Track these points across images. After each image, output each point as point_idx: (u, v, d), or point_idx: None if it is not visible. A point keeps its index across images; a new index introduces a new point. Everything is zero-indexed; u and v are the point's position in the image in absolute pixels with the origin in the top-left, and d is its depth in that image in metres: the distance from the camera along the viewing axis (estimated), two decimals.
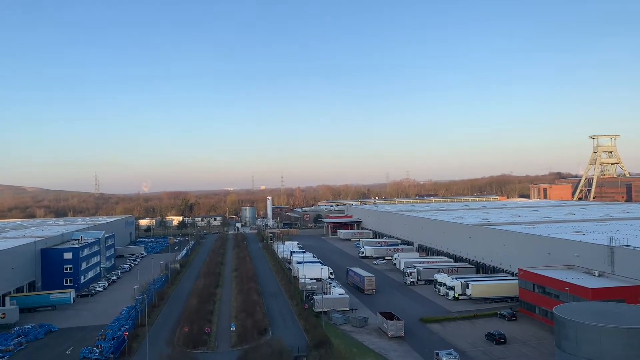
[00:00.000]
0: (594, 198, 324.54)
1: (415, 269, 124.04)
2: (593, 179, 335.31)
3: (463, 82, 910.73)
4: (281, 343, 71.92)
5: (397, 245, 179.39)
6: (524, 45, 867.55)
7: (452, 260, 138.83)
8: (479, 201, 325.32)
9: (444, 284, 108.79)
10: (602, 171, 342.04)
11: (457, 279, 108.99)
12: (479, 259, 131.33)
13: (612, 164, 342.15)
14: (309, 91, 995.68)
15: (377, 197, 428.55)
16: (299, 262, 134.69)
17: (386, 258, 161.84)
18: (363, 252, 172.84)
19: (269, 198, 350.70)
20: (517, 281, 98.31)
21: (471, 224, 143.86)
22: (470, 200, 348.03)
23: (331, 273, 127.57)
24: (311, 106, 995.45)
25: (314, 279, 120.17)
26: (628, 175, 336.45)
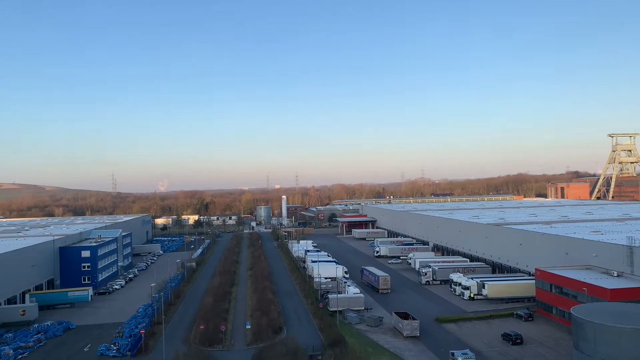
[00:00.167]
0: (612, 197, 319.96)
1: (431, 269, 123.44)
2: (612, 178, 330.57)
3: (480, 80, 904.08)
4: (296, 342, 72.00)
5: (412, 244, 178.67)
6: (540, 42, 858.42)
7: (468, 260, 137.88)
8: (495, 200, 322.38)
9: (459, 284, 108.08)
10: (621, 170, 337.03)
11: (473, 278, 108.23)
12: (495, 258, 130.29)
13: (631, 162, 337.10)
14: (324, 90, 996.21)
15: (392, 197, 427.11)
16: (313, 261, 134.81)
17: (401, 257, 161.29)
18: (378, 252, 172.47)
19: (284, 197, 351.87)
20: (533, 281, 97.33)
21: (487, 224, 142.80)
22: (487, 199, 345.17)
23: (346, 272, 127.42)
24: (325, 105, 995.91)
25: (329, 278, 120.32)
26: None
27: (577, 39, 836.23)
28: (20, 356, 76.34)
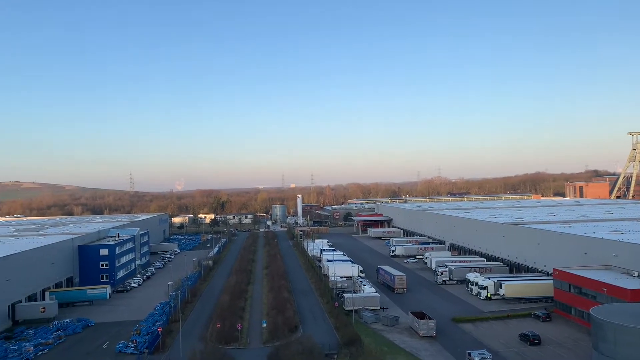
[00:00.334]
0: (633, 196, 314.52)
1: (447, 268, 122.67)
2: (632, 176, 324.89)
3: (497, 79, 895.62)
4: (312, 340, 72.10)
5: (429, 244, 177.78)
6: (560, 41, 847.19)
7: (485, 259, 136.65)
8: (512, 199, 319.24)
9: (476, 284, 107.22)
10: None
11: (489, 278, 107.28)
12: (512, 258, 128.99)
13: None
14: (339, 90, 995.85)
15: (407, 196, 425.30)
16: (329, 260, 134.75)
17: (417, 257, 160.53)
18: (394, 251, 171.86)
19: (299, 196, 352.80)
20: (551, 281, 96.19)
21: (505, 223, 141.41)
22: (504, 198, 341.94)
23: (361, 271, 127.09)
24: (341, 105, 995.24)
25: (344, 277, 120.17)
26: None
27: (599, 37, 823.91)
28: (41, 352, 77.64)
